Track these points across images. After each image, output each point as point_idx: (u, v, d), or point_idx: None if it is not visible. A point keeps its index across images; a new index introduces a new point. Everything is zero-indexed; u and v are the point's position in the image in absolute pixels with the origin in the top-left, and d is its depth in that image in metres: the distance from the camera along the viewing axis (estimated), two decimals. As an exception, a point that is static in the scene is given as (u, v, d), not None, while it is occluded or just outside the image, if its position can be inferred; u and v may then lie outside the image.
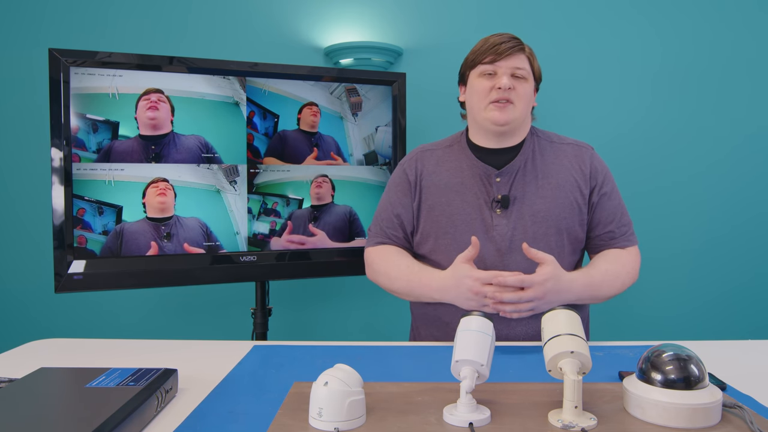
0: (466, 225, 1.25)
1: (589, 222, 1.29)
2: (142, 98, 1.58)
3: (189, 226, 1.63)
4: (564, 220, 1.24)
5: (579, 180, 1.27)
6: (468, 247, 1.14)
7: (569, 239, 1.26)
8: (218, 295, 2.15)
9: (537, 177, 1.26)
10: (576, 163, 1.28)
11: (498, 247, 1.23)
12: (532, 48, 1.29)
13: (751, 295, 2.19)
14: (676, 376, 0.74)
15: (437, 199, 1.30)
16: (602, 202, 1.28)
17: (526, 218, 1.23)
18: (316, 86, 1.75)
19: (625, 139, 2.15)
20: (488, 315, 0.81)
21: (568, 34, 2.15)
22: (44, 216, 2.09)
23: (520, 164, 1.27)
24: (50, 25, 2.10)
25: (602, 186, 1.28)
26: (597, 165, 1.30)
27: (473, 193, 1.27)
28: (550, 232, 1.23)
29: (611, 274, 1.23)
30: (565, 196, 1.25)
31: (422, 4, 2.15)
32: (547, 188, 1.25)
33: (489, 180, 1.27)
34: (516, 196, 1.25)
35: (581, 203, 1.26)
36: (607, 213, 1.28)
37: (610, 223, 1.28)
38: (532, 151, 1.29)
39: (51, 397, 0.76)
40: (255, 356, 1.06)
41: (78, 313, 2.15)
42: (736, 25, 2.14)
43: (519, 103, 1.23)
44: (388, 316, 2.20)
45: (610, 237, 1.28)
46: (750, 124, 2.16)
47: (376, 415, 0.76)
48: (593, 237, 1.29)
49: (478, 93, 1.26)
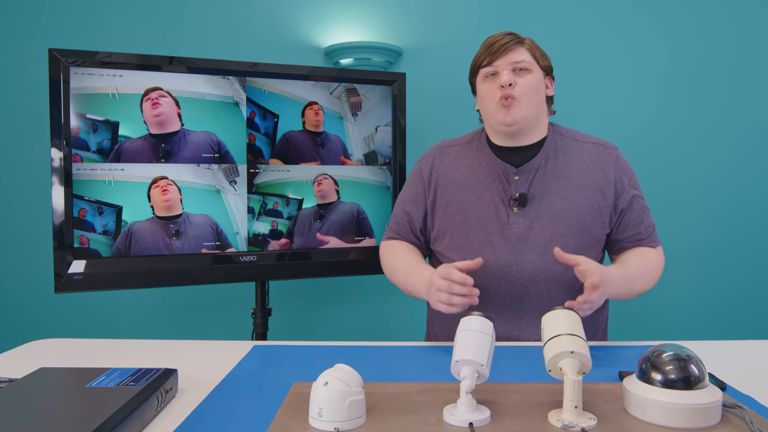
0: (480, 223, 1.24)
1: (617, 224, 1.27)
2: (144, 100, 1.58)
3: (198, 223, 1.63)
4: (584, 221, 1.23)
5: (602, 182, 1.24)
6: (474, 260, 1.13)
7: (588, 240, 1.24)
8: (218, 295, 2.15)
9: (557, 176, 1.24)
10: (600, 164, 1.26)
11: (512, 246, 1.22)
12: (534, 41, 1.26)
13: (752, 296, 2.18)
14: (676, 376, 0.74)
15: (453, 196, 1.29)
16: (632, 205, 1.26)
17: (545, 217, 1.22)
18: (316, 86, 1.75)
19: (632, 141, 2.15)
20: (488, 315, 0.81)
21: (568, 33, 2.15)
22: (44, 216, 2.09)
23: (540, 163, 1.25)
24: (50, 25, 2.10)
25: (630, 189, 1.26)
26: (622, 168, 1.27)
27: (490, 191, 1.26)
28: (569, 233, 1.22)
29: (643, 269, 1.22)
30: (585, 197, 1.23)
31: (422, 4, 2.15)
32: (567, 188, 1.23)
33: (507, 178, 1.25)
34: (535, 194, 1.23)
35: (602, 205, 1.24)
36: (636, 215, 1.26)
37: (639, 225, 1.27)
38: (553, 150, 1.27)
39: (51, 397, 0.76)
40: (255, 356, 1.06)
41: (78, 313, 2.15)
42: (739, 24, 2.14)
43: (524, 97, 1.20)
44: (389, 316, 2.20)
45: (638, 239, 1.27)
46: (751, 124, 2.16)
47: (376, 415, 0.76)
48: (622, 239, 1.27)
49: (486, 97, 1.24)
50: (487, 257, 1.22)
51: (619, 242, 1.28)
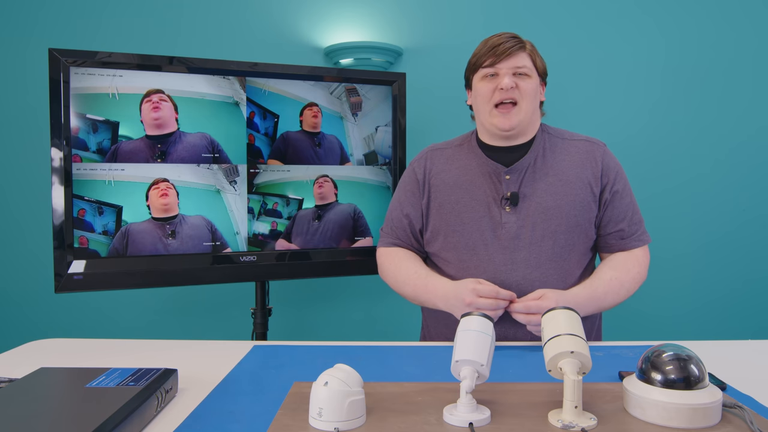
0: (474, 222, 1.25)
1: (600, 220, 1.28)
2: (145, 101, 1.58)
3: (194, 224, 1.63)
4: (574, 218, 1.24)
5: (590, 177, 1.26)
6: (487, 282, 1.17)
7: (579, 237, 1.25)
8: (218, 295, 2.15)
9: (547, 174, 1.26)
10: (588, 159, 1.27)
11: (506, 245, 1.23)
12: (534, 44, 1.28)
13: (752, 296, 2.18)
14: (676, 376, 0.74)
15: (446, 197, 1.30)
16: (614, 200, 1.27)
17: (536, 215, 1.23)
18: (316, 86, 1.75)
19: (631, 141, 2.15)
20: (488, 315, 0.81)
21: (568, 32, 2.15)
22: (44, 216, 2.09)
23: (530, 161, 1.26)
24: (50, 25, 2.10)
25: (614, 184, 1.27)
26: (609, 162, 1.28)
27: (482, 190, 1.27)
28: (560, 230, 1.23)
29: (616, 283, 1.22)
30: (575, 193, 1.24)
31: (422, 4, 2.15)
32: (557, 185, 1.25)
33: (498, 177, 1.26)
34: (526, 193, 1.24)
35: (592, 201, 1.25)
36: (618, 211, 1.27)
37: (621, 222, 1.27)
38: (542, 149, 1.28)
39: (51, 397, 0.75)
40: (255, 356, 1.06)
41: (78, 313, 2.15)
42: (739, 24, 2.14)
43: (523, 102, 1.22)
44: (389, 316, 2.20)
45: (620, 236, 1.27)
46: (753, 125, 2.16)
47: (376, 415, 0.76)
48: (604, 235, 1.28)
49: (482, 96, 1.25)
50: (481, 257, 1.23)
51: (603, 238, 1.29)
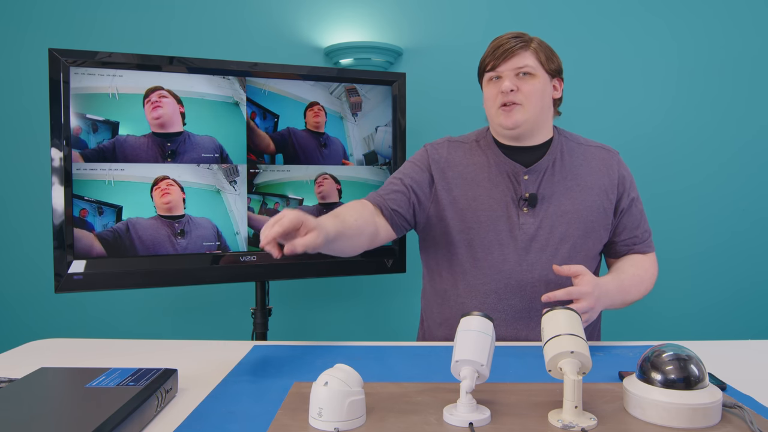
0: (491, 221, 1.24)
1: (615, 227, 1.29)
2: (145, 101, 1.58)
3: (201, 225, 1.63)
4: (591, 223, 1.24)
5: (607, 185, 1.26)
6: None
7: (593, 242, 1.26)
8: (218, 295, 2.15)
9: (565, 177, 1.25)
10: (604, 167, 1.28)
11: (522, 246, 1.22)
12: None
13: (753, 297, 2.18)
14: (676, 376, 0.74)
15: (463, 192, 1.27)
16: (630, 209, 1.28)
17: (554, 218, 1.23)
18: (316, 86, 1.75)
19: (638, 143, 2.14)
20: (488, 315, 0.81)
21: (569, 32, 2.15)
22: (44, 216, 2.09)
23: (548, 163, 1.26)
24: (50, 25, 2.10)
25: (630, 192, 1.29)
26: (623, 172, 1.30)
27: (500, 189, 1.25)
28: (577, 234, 1.23)
29: (638, 279, 1.23)
30: (592, 198, 1.25)
31: (422, 4, 2.14)
32: (575, 189, 1.25)
33: (517, 177, 1.25)
34: (544, 195, 1.24)
35: (607, 207, 1.26)
36: (633, 218, 1.28)
37: (636, 228, 1.28)
38: (560, 151, 1.28)
39: (51, 397, 0.75)
40: (255, 356, 1.06)
41: (78, 313, 2.15)
42: (745, 26, 2.13)
43: (526, 102, 1.20)
44: (389, 316, 2.20)
45: (633, 242, 1.29)
46: (756, 128, 2.15)
47: (376, 415, 0.76)
48: (618, 242, 1.29)
49: (487, 100, 1.26)
50: (496, 256, 1.22)
51: (615, 245, 1.30)
